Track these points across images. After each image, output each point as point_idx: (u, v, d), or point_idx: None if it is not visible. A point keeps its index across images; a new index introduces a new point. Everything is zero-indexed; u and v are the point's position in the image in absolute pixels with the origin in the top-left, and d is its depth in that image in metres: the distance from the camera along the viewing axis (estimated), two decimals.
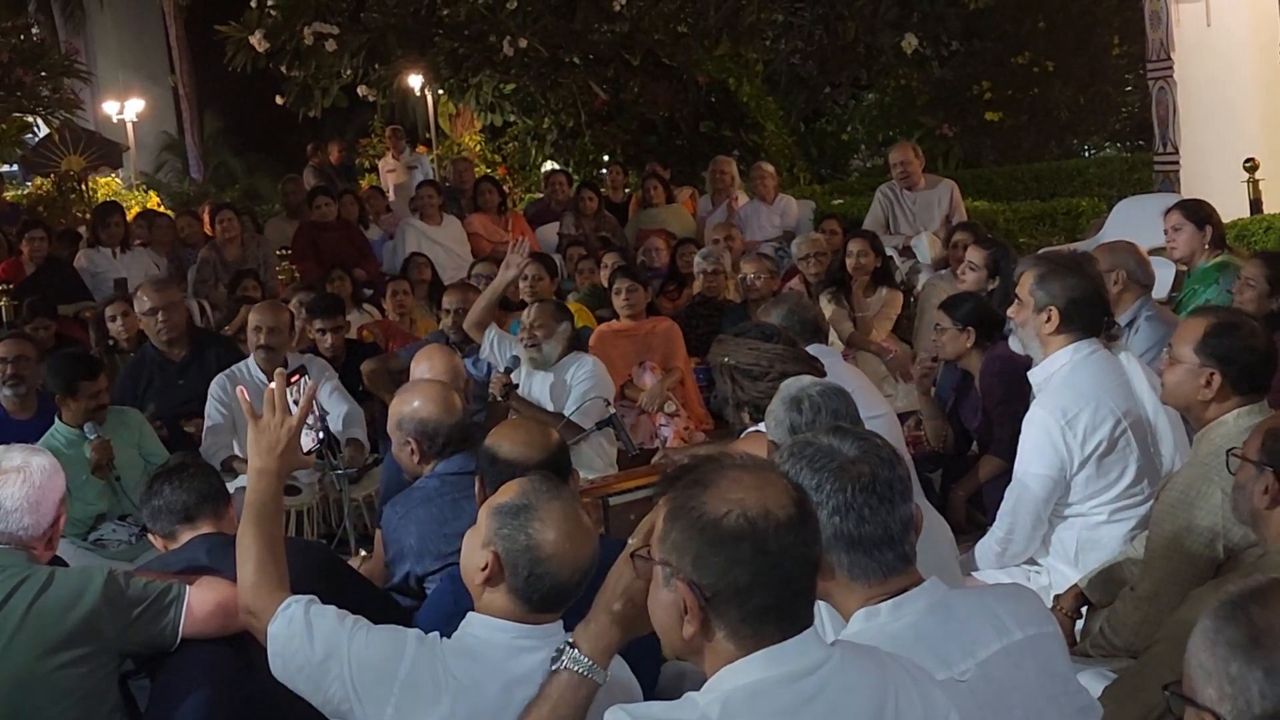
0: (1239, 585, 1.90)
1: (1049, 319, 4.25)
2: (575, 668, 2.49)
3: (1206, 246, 6.35)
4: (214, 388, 6.49)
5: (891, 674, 2.13)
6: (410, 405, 4.33)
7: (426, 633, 2.83)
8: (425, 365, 5.23)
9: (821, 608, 2.69)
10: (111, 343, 7.82)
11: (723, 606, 2.03)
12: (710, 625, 2.05)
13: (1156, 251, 7.57)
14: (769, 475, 2.12)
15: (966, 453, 6.14)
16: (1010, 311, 4.50)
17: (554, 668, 2.51)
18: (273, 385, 3.09)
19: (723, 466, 2.13)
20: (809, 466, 2.44)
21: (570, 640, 2.52)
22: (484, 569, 2.74)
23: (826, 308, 8.05)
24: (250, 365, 6.57)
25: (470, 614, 2.80)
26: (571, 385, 6.47)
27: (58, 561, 3.80)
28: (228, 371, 6.56)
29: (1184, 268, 6.61)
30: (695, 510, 2.06)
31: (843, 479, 2.42)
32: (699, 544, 2.04)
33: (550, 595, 2.73)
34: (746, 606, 2.02)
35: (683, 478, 2.14)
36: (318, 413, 5.19)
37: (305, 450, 3.28)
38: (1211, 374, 3.66)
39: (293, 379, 3.38)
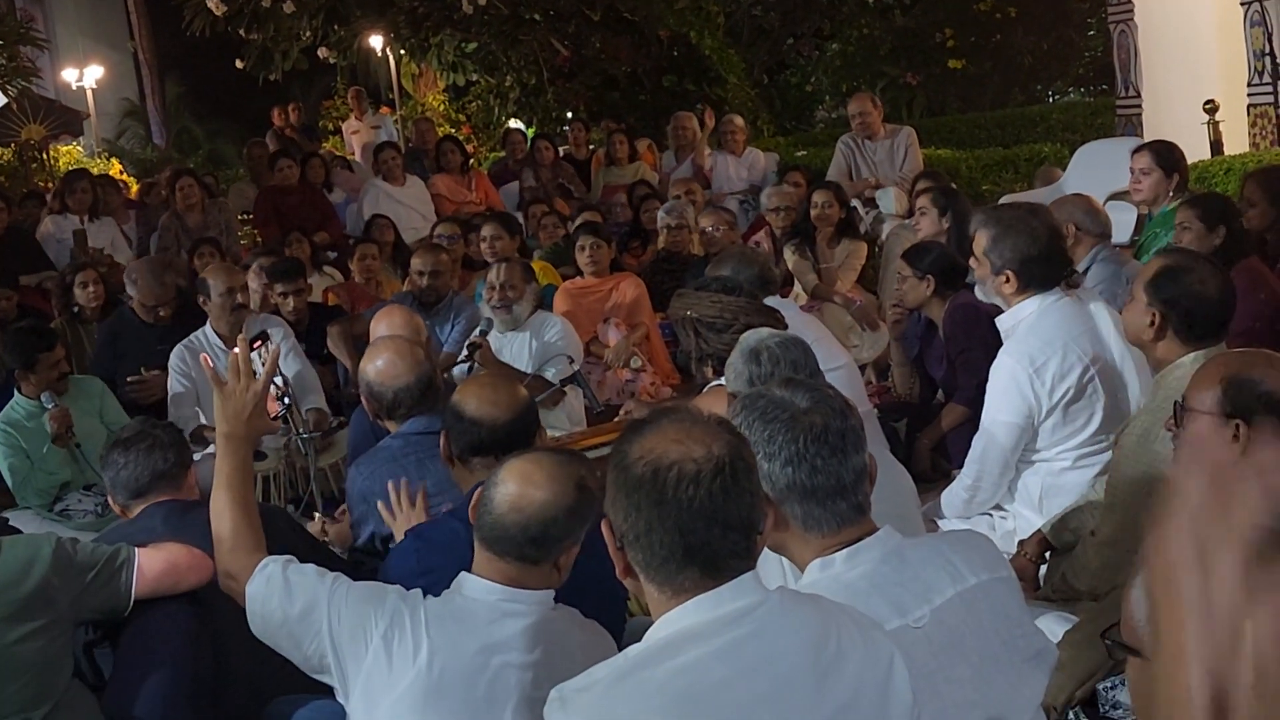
0: None
1: (1008, 280, 4.26)
2: None
3: (1170, 192, 6.34)
4: (174, 359, 6.42)
5: (832, 616, 2.14)
6: (371, 364, 4.34)
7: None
8: (385, 324, 5.20)
9: (786, 566, 2.69)
10: (76, 309, 7.73)
11: (632, 549, 2.11)
12: (631, 567, 2.13)
13: (1119, 195, 7.58)
14: (701, 431, 2.13)
15: (931, 401, 6.16)
16: (971, 262, 4.51)
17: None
18: (236, 351, 3.09)
19: (662, 419, 2.17)
20: (761, 419, 2.43)
21: None
22: None
23: (790, 259, 8.04)
24: (208, 333, 6.49)
25: (463, 573, 2.82)
26: (549, 344, 6.45)
27: (13, 531, 3.80)
28: (185, 342, 6.47)
29: (1146, 210, 6.61)
30: (617, 456, 2.14)
31: (794, 430, 2.41)
32: (614, 488, 2.13)
33: (503, 540, 2.73)
34: (650, 551, 2.08)
35: (629, 428, 2.21)
36: (283, 378, 5.17)
37: (272, 416, 3.27)
38: (1155, 314, 3.67)
39: (255, 344, 3.38)
